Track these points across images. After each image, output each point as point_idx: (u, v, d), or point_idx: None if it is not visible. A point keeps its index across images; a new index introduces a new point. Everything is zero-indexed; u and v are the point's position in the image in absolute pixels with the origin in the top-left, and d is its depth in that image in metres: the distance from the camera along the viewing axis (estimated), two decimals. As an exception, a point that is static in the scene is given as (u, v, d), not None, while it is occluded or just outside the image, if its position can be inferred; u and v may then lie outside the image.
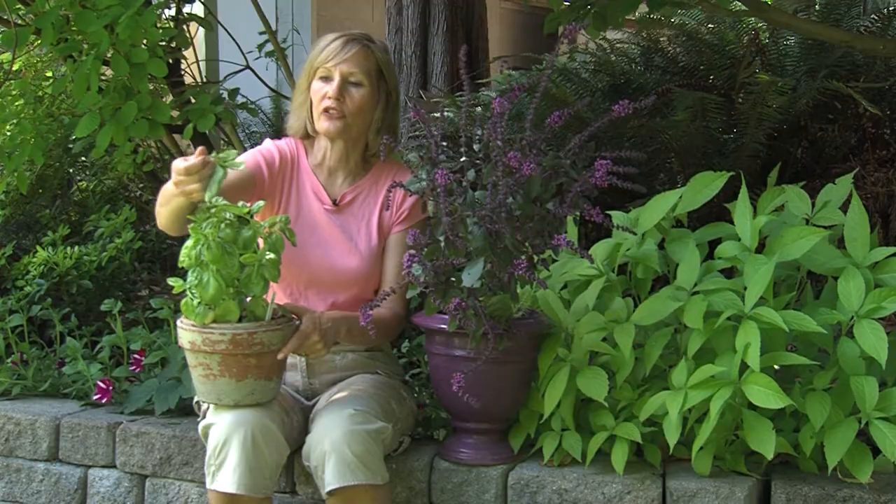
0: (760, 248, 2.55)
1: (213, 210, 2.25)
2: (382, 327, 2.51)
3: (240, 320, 2.29)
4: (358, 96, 2.57)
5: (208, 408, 2.44)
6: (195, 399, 2.62)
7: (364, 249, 2.61)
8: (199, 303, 2.25)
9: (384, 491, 2.35)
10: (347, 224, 2.63)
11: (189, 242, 2.25)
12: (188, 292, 2.27)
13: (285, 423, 2.42)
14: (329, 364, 2.61)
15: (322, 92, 2.57)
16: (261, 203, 2.38)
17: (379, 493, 2.33)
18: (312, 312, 2.41)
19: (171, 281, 2.31)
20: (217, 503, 2.33)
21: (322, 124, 2.58)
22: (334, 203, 2.64)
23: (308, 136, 2.67)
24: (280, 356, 2.32)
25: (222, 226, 2.24)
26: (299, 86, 2.64)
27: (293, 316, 2.38)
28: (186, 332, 2.28)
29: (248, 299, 2.32)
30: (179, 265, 2.28)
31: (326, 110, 2.56)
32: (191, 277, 2.25)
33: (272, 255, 2.28)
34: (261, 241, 2.32)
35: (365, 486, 2.29)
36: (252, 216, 2.31)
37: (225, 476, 2.29)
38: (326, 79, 2.57)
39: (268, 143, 2.68)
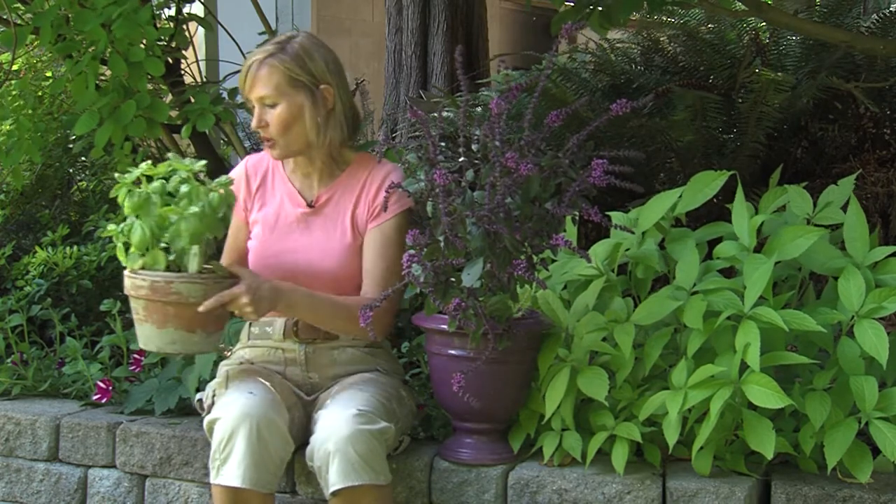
0: (761, 248, 2.55)
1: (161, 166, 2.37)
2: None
3: (170, 270, 2.35)
4: (275, 117, 2.54)
5: (212, 403, 2.47)
6: (196, 397, 2.64)
7: (338, 247, 2.60)
8: (130, 249, 2.35)
9: (387, 491, 2.36)
10: (324, 224, 2.63)
11: (122, 192, 2.35)
12: (118, 237, 2.37)
13: (287, 421, 2.43)
14: (328, 358, 2.62)
15: (252, 121, 2.59)
16: (202, 162, 2.43)
17: (382, 493, 2.34)
18: (255, 277, 2.42)
19: (107, 228, 2.39)
20: (221, 498, 2.34)
21: (268, 152, 2.61)
22: (310, 205, 2.63)
23: None
24: (201, 309, 2.33)
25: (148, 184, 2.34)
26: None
27: (230, 274, 2.40)
28: (125, 278, 2.39)
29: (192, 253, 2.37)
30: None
31: (263, 140, 2.59)
32: (123, 224, 2.35)
33: (195, 209, 2.32)
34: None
35: (369, 486, 2.29)
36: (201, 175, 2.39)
37: (230, 470, 2.30)
38: (254, 108, 2.58)
39: (237, 170, 2.72)
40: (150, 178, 2.37)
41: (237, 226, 2.69)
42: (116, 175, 2.38)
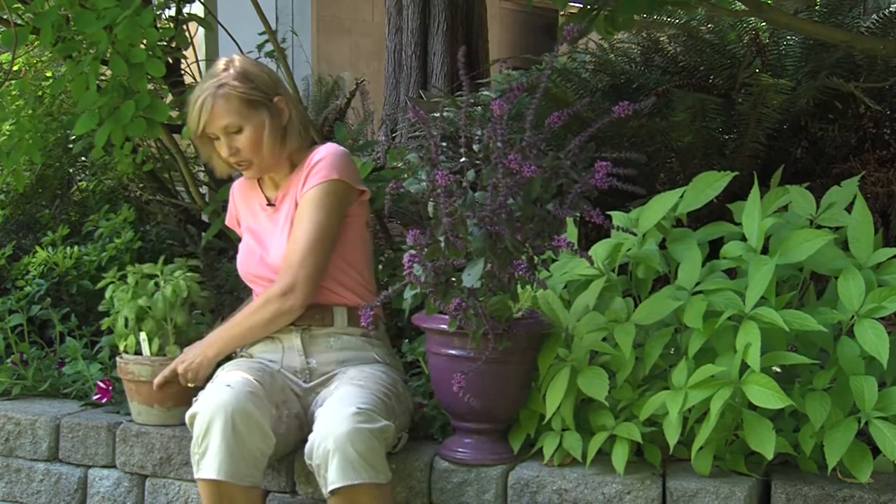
0: (765, 249, 2.55)
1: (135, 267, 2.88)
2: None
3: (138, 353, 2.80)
4: (244, 139, 2.62)
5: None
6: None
7: (287, 234, 2.66)
8: (119, 334, 2.83)
9: (386, 490, 2.36)
10: (280, 218, 2.70)
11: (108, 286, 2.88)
12: (109, 323, 2.86)
13: (272, 416, 2.45)
14: (325, 344, 2.65)
15: (221, 151, 2.66)
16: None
17: (382, 491, 2.34)
18: (187, 349, 2.69)
19: (104, 320, 2.87)
20: (204, 492, 2.37)
21: (244, 174, 2.72)
22: (272, 205, 2.72)
23: None
24: (154, 388, 2.70)
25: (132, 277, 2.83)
26: (196, 142, 2.71)
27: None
28: None
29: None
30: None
31: (236, 164, 2.67)
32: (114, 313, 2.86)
33: (141, 302, 2.77)
34: None
35: (368, 485, 2.30)
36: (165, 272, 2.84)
37: (208, 463, 2.34)
38: (217, 138, 2.64)
39: (231, 198, 2.87)
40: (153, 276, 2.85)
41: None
42: (106, 274, 2.90)
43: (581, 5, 3.09)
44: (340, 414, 2.33)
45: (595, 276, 2.61)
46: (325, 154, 2.64)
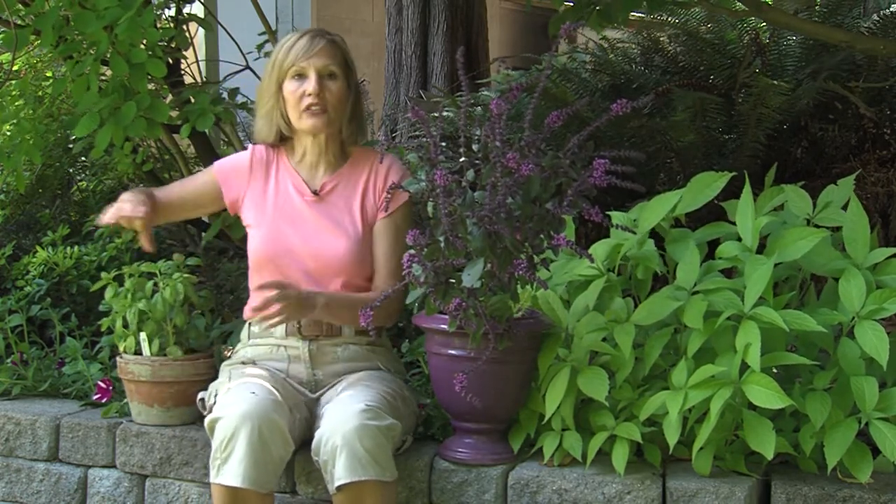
0: (761, 249, 2.55)
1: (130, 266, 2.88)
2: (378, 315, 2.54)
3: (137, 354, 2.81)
4: (336, 89, 2.62)
5: (214, 402, 2.48)
6: (199, 396, 2.65)
7: (348, 235, 2.64)
8: (118, 335, 2.84)
9: (391, 488, 2.37)
10: (330, 211, 2.67)
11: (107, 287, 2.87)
12: (109, 323, 2.87)
13: (289, 421, 2.44)
14: (331, 355, 2.64)
15: (300, 91, 2.61)
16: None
17: (387, 489, 2.34)
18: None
19: (104, 320, 2.87)
20: (220, 497, 2.34)
21: (306, 122, 2.63)
22: (315, 193, 2.68)
23: (283, 140, 2.71)
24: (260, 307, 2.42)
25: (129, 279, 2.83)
26: (266, 90, 2.66)
27: (185, 358, 2.76)
28: None
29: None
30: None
31: (309, 108, 2.60)
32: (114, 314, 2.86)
33: (141, 304, 2.77)
34: None
35: (374, 482, 2.30)
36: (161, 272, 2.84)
37: (230, 469, 2.31)
38: (301, 77, 2.61)
39: (244, 153, 2.75)
40: (151, 275, 2.85)
41: (204, 181, 2.75)
42: (103, 274, 2.89)
43: (573, 2, 3.09)
44: (349, 411, 2.33)
45: (595, 276, 2.61)
46: (403, 171, 2.66)
